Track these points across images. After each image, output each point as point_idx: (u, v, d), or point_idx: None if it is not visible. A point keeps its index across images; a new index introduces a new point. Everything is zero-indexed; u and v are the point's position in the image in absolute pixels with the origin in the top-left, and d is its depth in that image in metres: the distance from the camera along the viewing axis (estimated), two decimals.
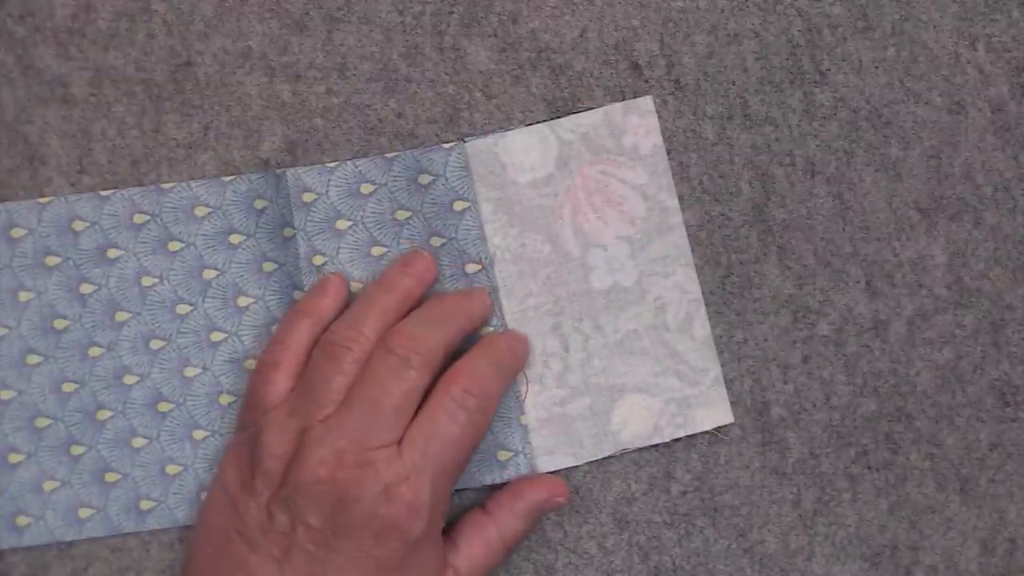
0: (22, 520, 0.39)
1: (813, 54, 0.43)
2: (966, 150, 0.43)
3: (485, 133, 0.42)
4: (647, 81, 0.43)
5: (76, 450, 0.39)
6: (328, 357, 0.37)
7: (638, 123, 0.42)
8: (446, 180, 0.41)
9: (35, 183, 0.42)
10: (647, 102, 0.42)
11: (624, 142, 0.42)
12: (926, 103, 0.43)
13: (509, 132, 0.42)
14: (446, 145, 0.41)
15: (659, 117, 0.43)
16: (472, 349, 0.39)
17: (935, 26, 0.44)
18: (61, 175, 0.42)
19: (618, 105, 0.42)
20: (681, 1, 0.43)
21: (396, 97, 0.42)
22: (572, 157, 0.42)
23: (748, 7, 0.43)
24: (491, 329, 0.40)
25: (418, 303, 0.39)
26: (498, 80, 0.43)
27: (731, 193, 0.43)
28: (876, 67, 0.43)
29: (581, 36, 0.43)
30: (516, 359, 0.40)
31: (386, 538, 0.34)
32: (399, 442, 0.35)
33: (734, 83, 0.43)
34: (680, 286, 0.41)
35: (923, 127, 0.43)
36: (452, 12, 0.43)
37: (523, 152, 0.42)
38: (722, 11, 0.43)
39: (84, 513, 0.39)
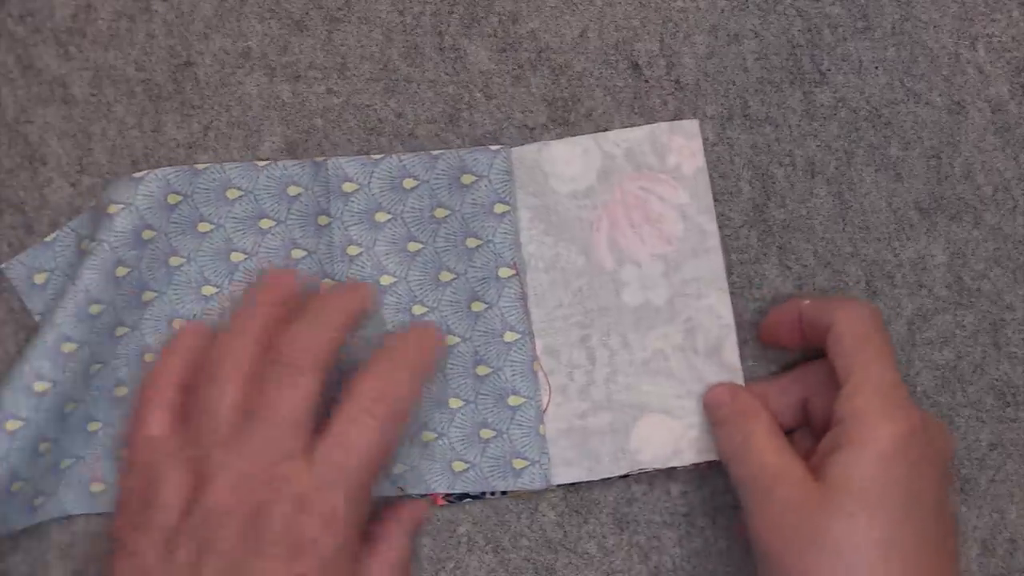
0: (96, 487, 0.40)
1: (813, 54, 0.43)
2: (966, 150, 0.43)
3: (531, 141, 0.42)
4: (647, 81, 0.43)
5: (93, 426, 0.39)
6: (207, 380, 0.35)
7: (683, 144, 0.42)
8: (489, 182, 0.41)
9: (35, 183, 0.42)
10: (693, 125, 0.42)
11: (668, 161, 0.42)
12: (926, 103, 0.43)
13: (554, 142, 0.42)
14: (492, 148, 0.41)
15: (659, 117, 0.42)
16: (379, 352, 0.36)
17: (935, 26, 0.44)
18: (61, 175, 0.42)
19: (664, 124, 0.42)
20: (681, 1, 0.43)
21: (396, 97, 0.42)
22: (614, 171, 0.41)
23: (748, 7, 0.43)
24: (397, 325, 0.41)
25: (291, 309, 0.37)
26: (498, 80, 0.43)
27: (731, 193, 0.43)
28: (876, 67, 0.43)
29: (581, 36, 0.43)
30: (427, 355, 0.37)
31: (302, 554, 0.32)
32: (309, 455, 0.34)
33: (734, 83, 0.43)
34: (713, 310, 0.41)
35: (923, 127, 0.43)
36: (452, 12, 0.43)
37: (566, 162, 0.41)
38: (722, 11, 0.43)
39: (96, 488, 0.39)
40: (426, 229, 0.41)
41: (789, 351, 0.41)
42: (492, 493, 0.40)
